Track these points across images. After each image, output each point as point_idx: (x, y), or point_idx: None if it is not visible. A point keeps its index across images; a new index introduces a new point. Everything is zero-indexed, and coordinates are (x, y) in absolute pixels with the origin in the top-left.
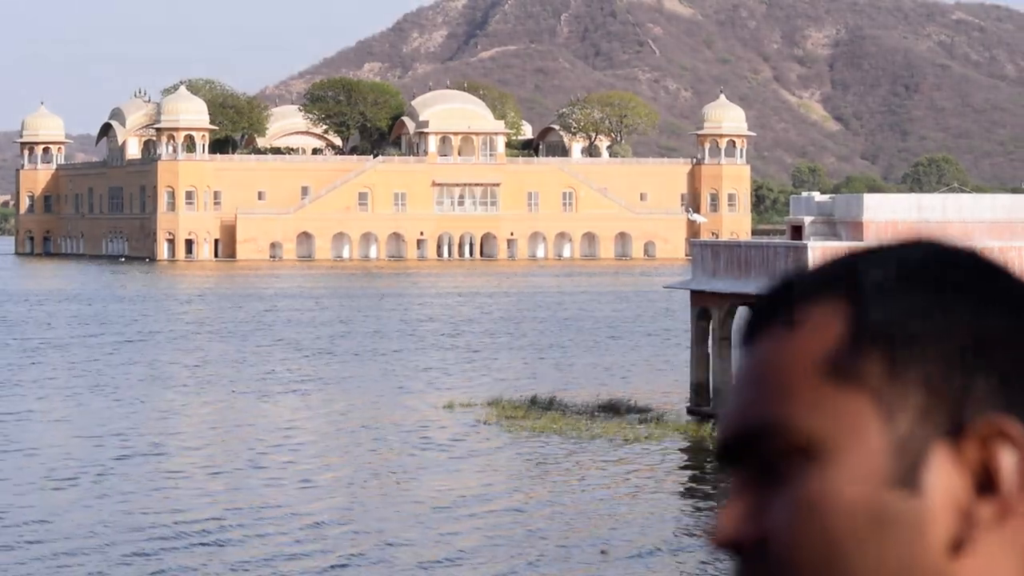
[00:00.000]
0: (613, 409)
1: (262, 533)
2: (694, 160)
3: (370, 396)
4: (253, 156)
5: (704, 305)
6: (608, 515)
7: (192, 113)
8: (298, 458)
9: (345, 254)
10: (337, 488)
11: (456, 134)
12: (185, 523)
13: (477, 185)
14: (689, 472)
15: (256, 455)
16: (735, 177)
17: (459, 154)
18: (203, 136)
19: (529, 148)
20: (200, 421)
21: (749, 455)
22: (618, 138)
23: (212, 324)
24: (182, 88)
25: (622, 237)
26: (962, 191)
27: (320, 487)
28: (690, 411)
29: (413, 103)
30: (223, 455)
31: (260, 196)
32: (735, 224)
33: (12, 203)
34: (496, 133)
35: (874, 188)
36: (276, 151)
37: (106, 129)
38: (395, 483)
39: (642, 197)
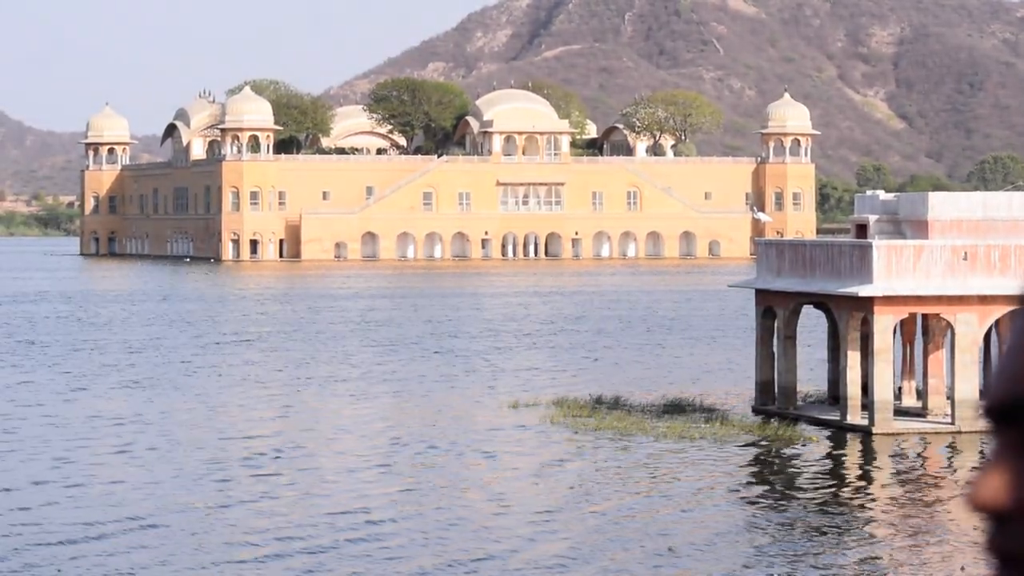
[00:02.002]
0: (678, 408)
1: (355, 538)
2: (759, 159)
3: (436, 396)
4: (317, 156)
5: (769, 304)
6: (673, 513)
7: (256, 113)
8: (370, 461)
9: (410, 254)
10: (408, 489)
11: (520, 133)
12: (275, 525)
13: (541, 184)
14: (754, 470)
15: (330, 457)
16: (800, 176)
17: (523, 153)
18: (268, 136)
19: (593, 147)
20: (278, 422)
21: (1020, 422)
22: (682, 137)
23: (285, 325)
24: (246, 88)
25: (687, 236)
26: None
27: (392, 488)
28: (755, 410)
29: (477, 103)
30: (299, 455)
31: (325, 196)
32: (800, 223)
33: (77, 204)
34: (560, 132)
35: (939, 186)
36: (340, 151)
37: (171, 130)
38: (465, 486)
39: (707, 196)
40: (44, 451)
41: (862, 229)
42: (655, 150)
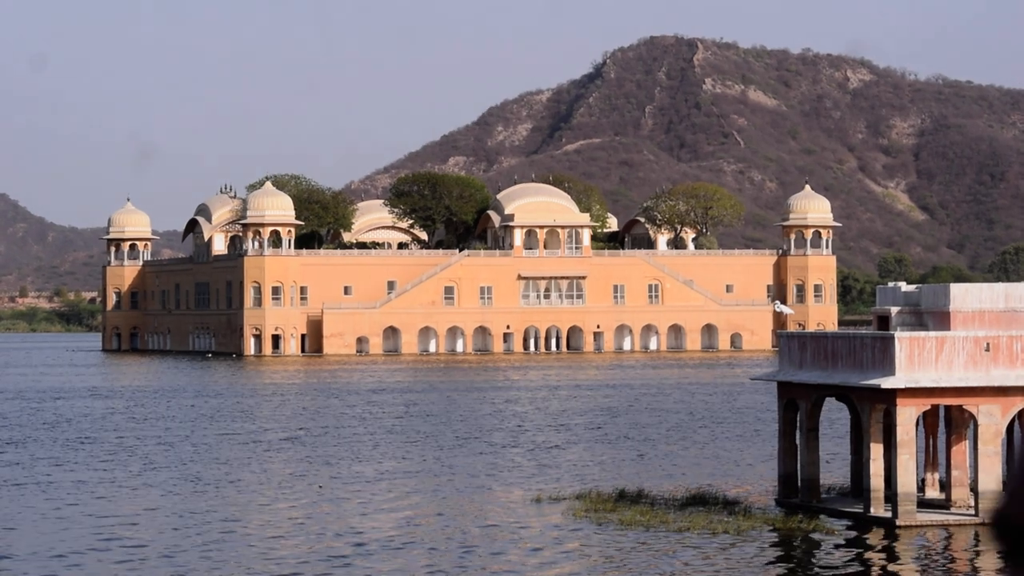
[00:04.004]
0: (701, 501)
1: None
2: (780, 251)
3: (461, 489)
4: (339, 251)
5: (791, 396)
6: None
7: (278, 208)
8: (394, 556)
9: (431, 348)
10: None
11: (541, 227)
12: None
13: (563, 278)
14: (777, 563)
15: (350, 552)
16: (821, 268)
17: (545, 247)
18: (289, 231)
19: (615, 241)
20: (313, 521)
21: None
22: (703, 230)
23: (314, 421)
24: (268, 184)
25: (708, 329)
26: None
27: None
28: (778, 503)
29: (498, 197)
30: (320, 549)
31: (346, 291)
32: (821, 315)
33: (99, 300)
34: (581, 226)
35: (961, 277)
36: (362, 246)
37: (192, 225)
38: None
39: (728, 289)
40: (109, 546)
41: (884, 321)
42: (676, 243)
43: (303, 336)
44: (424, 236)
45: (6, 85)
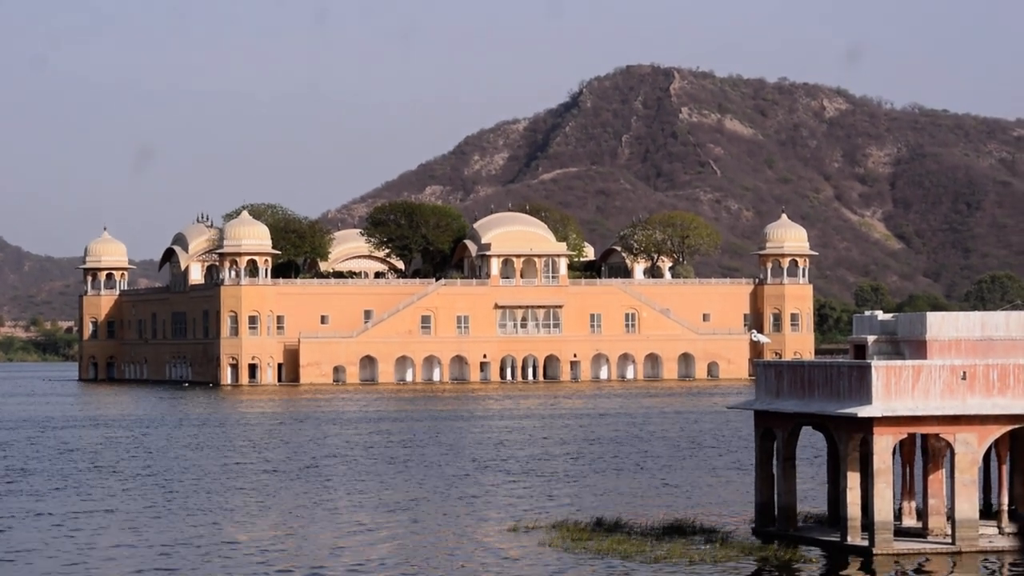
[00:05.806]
0: (678, 530)
1: None
2: (756, 280)
3: (436, 519)
4: (315, 280)
5: (768, 425)
6: None
7: (254, 238)
8: None
9: (408, 377)
10: None
11: (518, 256)
12: None
13: (540, 307)
14: None
15: None
16: (798, 297)
17: (521, 276)
18: (266, 261)
19: (591, 269)
20: (273, 546)
21: None
22: (680, 259)
23: (293, 452)
24: (244, 213)
25: (685, 358)
26: None
27: None
28: (755, 531)
29: (475, 226)
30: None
31: (323, 320)
32: (798, 344)
33: (76, 329)
34: (558, 255)
35: (937, 306)
36: (339, 275)
37: (169, 254)
38: None
39: (705, 318)
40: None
41: (860, 349)
42: (653, 272)
43: (280, 365)
44: (401, 265)
45: None
